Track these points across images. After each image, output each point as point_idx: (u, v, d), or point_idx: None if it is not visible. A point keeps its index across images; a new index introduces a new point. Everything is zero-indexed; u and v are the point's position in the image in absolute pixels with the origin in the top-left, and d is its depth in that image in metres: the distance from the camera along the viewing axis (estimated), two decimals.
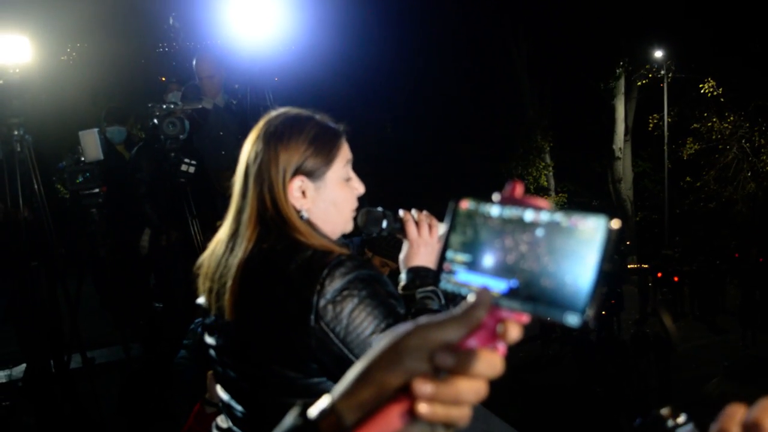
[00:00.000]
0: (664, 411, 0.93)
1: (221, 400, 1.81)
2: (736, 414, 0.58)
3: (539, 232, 0.69)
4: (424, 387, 0.64)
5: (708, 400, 7.47)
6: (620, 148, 24.49)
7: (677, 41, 22.18)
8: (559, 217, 0.68)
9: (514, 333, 0.70)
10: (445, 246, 0.78)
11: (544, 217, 0.69)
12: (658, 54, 23.09)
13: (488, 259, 0.73)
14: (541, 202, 0.72)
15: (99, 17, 16.48)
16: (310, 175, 1.73)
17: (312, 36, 17.14)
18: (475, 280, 0.74)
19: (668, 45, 22.71)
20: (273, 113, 1.80)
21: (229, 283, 1.65)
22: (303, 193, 1.72)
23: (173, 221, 5.86)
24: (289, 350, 1.58)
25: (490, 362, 0.66)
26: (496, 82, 25.21)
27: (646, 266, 19.40)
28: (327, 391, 1.57)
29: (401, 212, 1.96)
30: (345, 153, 1.81)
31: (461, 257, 0.76)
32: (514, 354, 14.85)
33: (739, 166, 22.84)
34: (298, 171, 1.71)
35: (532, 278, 0.69)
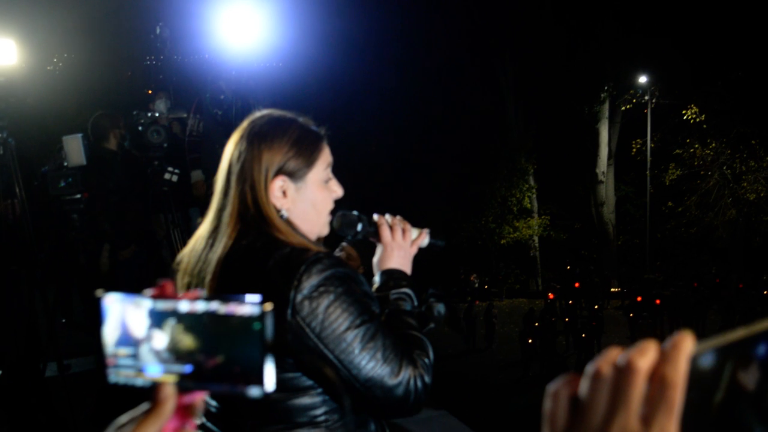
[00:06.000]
0: None
1: None
2: (611, 354, 0.59)
3: (199, 321, 0.74)
4: None
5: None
6: (603, 172, 24.67)
7: (661, 68, 22.43)
8: (215, 305, 0.74)
9: (201, 409, 0.76)
10: (102, 341, 0.79)
11: (200, 306, 0.74)
12: (642, 80, 23.33)
13: (155, 350, 0.77)
14: (193, 294, 0.75)
15: (86, 28, 16.48)
16: (292, 175, 1.76)
17: (299, 49, 17.21)
18: (149, 370, 0.77)
19: (652, 71, 22.95)
20: (257, 114, 1.83)
21: (208, 278, 1.68)
22: (284, 192, 1.75)
23: (133, 234, 5.83)
24: None
25: None
26: (482, 103, 25.35)
27: (626, 290, 19.53)
28: (301, 386, 1.60)
29: (375, 216, 2.00)
30: (326, 156, 1.84)
31: (124, 350, 0.78)
32: (495, 376, 14.86)
33: (721, 192, 23.02)
34: (279, 171, 1.74)
35: (205, 361, 0.74)
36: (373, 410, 1.70)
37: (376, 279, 1.92)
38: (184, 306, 0.75)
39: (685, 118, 22.65)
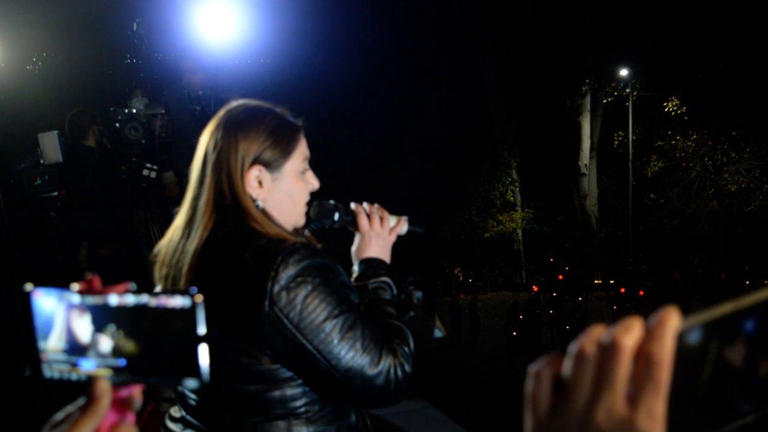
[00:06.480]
0: None
1: (175, 391, 1.80)
2: (594, 332, 0.57)
3: (131, 314, 0.73)
4: None
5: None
6: (586, 165, 24.80)
7: (642, 60, 22.56)
8: (146, 299, 0.72)
9: (138, 401, 0.75)
10: (33, 338, 0.77)
11: (130, 300, 0.73)
12: (624, 73, 23.44)
13: (88, 344, 0.75)
14: (121, 287, 0.74)
15: (68, 27, 16.37)
16: (268, 165, 1.74)
17: (278, 43, 17.16)
18: (83, 364, 0.75)
19: (633, 64, 23.06)
20: (233, 103, 1.81)
21: (185, 268, 1.66)
22: (260, 182, 1.73)
23: (112, 232, 5.77)
24: (244, 336, 1.59)
25: None
26: (464, 97, 25.40)
27: (611, 281, 19.64)
28: (281, 377, 1.58)
29: (353, 205, 1.98)
30: (303, 148, 1.82)
31: (56, 345, 0.76)
32: (480, 368, 14.90)
33: (702, 183, 23.20)
34: (256, 161, 1.72)
35: (140, 355, 0.73)
36: (354, 400, 1.69)
37: (355, 268, 1.90)
38: (113, 300, 0.73)
39: (666, 110, 22.81)
